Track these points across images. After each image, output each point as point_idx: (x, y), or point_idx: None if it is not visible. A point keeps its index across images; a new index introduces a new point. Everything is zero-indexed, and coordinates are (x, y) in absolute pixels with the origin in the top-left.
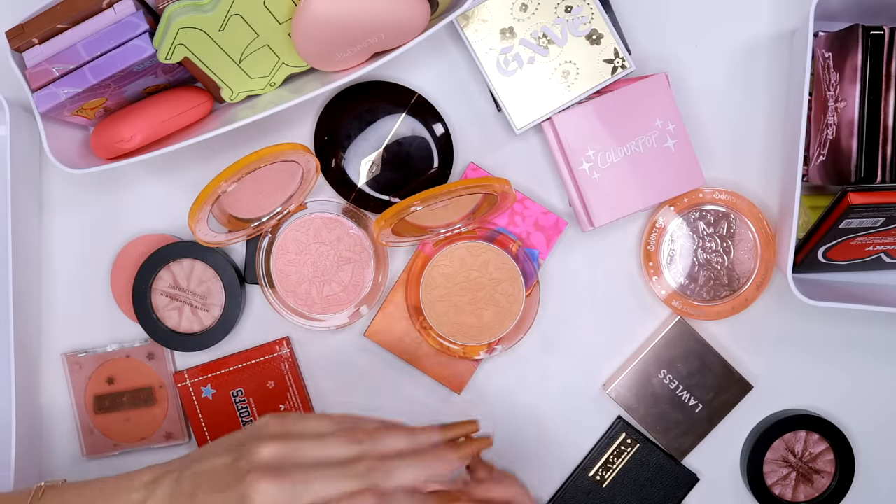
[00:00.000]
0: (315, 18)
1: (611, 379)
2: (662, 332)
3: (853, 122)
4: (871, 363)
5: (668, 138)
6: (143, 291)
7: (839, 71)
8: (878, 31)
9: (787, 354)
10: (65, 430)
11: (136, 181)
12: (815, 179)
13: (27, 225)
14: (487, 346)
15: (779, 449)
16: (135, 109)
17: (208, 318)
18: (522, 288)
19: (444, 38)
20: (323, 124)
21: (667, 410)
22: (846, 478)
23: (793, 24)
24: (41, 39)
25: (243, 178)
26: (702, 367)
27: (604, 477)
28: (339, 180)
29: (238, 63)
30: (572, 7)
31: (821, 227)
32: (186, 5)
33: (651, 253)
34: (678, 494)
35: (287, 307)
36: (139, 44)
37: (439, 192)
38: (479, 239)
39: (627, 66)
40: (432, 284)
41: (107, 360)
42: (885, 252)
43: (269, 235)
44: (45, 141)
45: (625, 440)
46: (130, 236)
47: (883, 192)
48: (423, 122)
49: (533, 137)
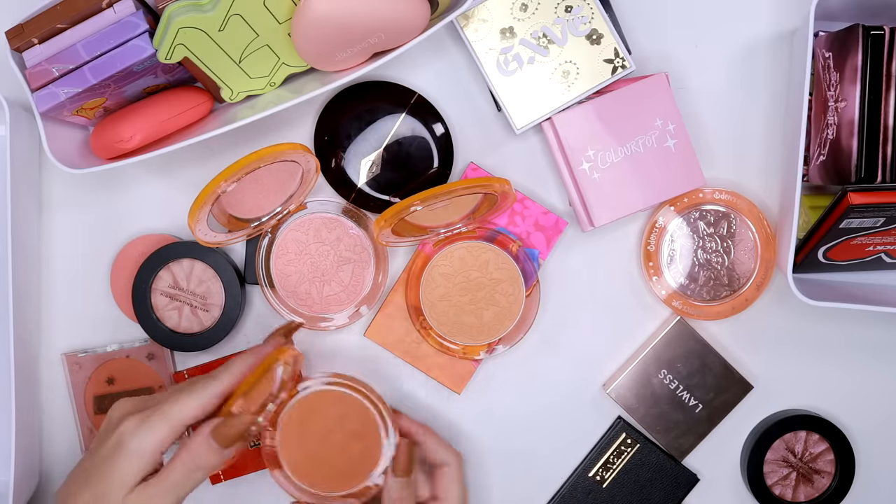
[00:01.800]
0: (315, 18)
1: (611, 379)
2: (662, 332)
3: (853, 122)
4: (871, 363)
5: (669, 138)
6: (143, 291)
7: (839, 71)
8: (878, 31)
9: (787, 354)
10: (65, 430)
11: (136, 181)
12: (815, 179)
13: (27, 225)
14: (487, 346)
15: (779, 449)
16: (135, 109)
17: (208, 319)
18: (522, 288)
19: (444, 38)
20: (323, 124)
21: (667, 410)
22: (846, 478)
23: (793, 24)
24: (41, 39)
25: (243, 178)
26: (702, 367)
27: (604, 477)
28: (339, 180)
29: (238, 63)
30: (572, 7)
31: (821, 227)
32: (186, 5)
33: (651, 253)
34: (678, 494)
35: (287, 307)
36: (139, 44)
37: (439, 192)
38: (479, 239)
39: (627, 66)
40: (432, 284)
41: (107, 360)
42: (886, 252)
43: (269, 235)
44: (45, 141)
45: (625, 440)
46: (130, 236)
47: (883, 192)
48: (423, 122)
49: (533, 137)
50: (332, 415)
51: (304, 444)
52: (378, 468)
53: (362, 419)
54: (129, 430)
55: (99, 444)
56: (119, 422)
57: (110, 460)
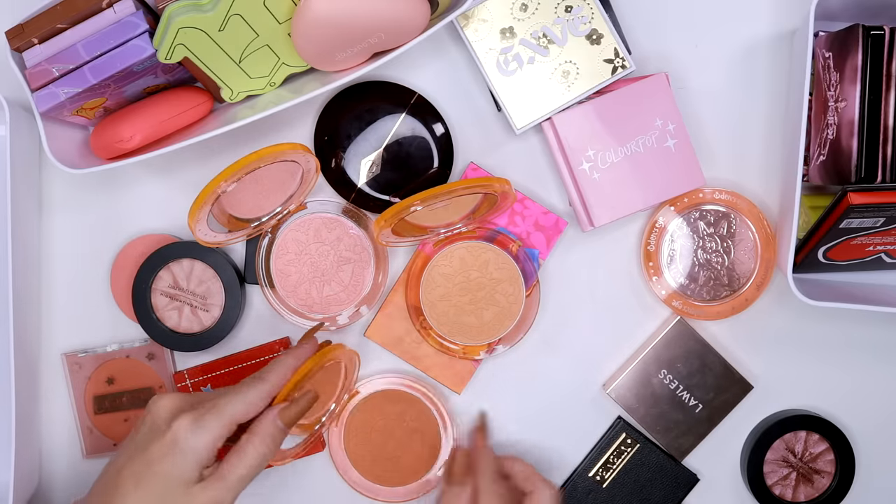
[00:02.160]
0: (315, 18)
1: (611, 379)
2: (662, 332)
3: (853, 122)
4: (871, 363)
5: (668, 138)
6: (143, 291)
7: (839, 71)
8: (878, 31)
9: (787, 354)
10: (65, 430)
11: (136, 181)
12: (815, 179)
13: (27, 225)
14: (487, 346)
15: (779, 449)
16: (135, 109)
17: (208, 318)
18: (522, 288)
19: (444, 38)
20: (323, 124)
21: (667, 410)
22: (846, 478)
23: (793, 24)
24: (41, 39)
25: (243, 178)
26: (702, 367)
27: (604, 477)
28: (339, 180)
29: (238, 63)
30: (572, 7)
31: (821, 227)
32: (186, 5)
33: (651, 253)
34: (678, 494)
35: (287, 307)
36: (139, 44)
37: (439, 192)
38: (479, 239)
39: (627, 66)
40: (432, 284)
41: (107, 360)
42: (886, 252)
43: (269, 235)
44: (45, 141)
45: (625, 440)
46: (130, 236)
47: (883, 192)
48: (423, 122)
49: (533, 137)
50: (392, 412)
51: (367, 440)
52: (439, 461)
53: (421, 416)
54: (184, 428)
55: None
56: (169, 420)
57: (166, 459)
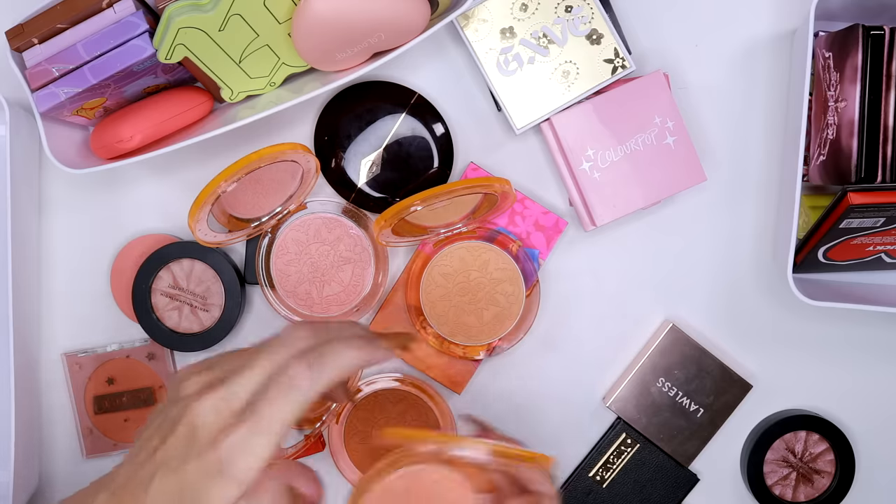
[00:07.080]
0: (315, 18)
1: (610, 391)
2: (656, 341)
3: (853, 122)
4: (871, 363)
5: (668, 135)
6: (143, 291)
7: (839, 71)
8: (878, 31)
9: (786, 354)
10: (65, 430)
11: (136, 181)
12: (815, 179)
13: (27, 225)
14: (487, 346)
15: (779, 449)
16: (135, 109)
17: (208, 319)
18: (522, 288)
19: (444, 38)
20: (323, 124)
21: (669, 418)
22: (846, 478)
23: (793, 24)
24: (41, 39)
25: (243, 178)
26: (699, 371)
27: (604, 477)
28: (339, 180)
29: (238, 63)
30: (572, 7)
31: (821, 227)
32: (186, 5)
33: None
34: (678, 494)
35: (287, 307)
36: (139, 44)
37: (439, 192)
38: (479, 239)
39: (627, 66)
40: (432, 284)
41: (107, 360)
42: (886, 252)
43: (269, 235)
44: (45, 141)
45: (625, 440)
46: (130, 236)
47: (883, 192)
48: (423, 122)
49: (533, 137)
50: (393, 412)
51: (368, 440)
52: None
53: (422, 416)
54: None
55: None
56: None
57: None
